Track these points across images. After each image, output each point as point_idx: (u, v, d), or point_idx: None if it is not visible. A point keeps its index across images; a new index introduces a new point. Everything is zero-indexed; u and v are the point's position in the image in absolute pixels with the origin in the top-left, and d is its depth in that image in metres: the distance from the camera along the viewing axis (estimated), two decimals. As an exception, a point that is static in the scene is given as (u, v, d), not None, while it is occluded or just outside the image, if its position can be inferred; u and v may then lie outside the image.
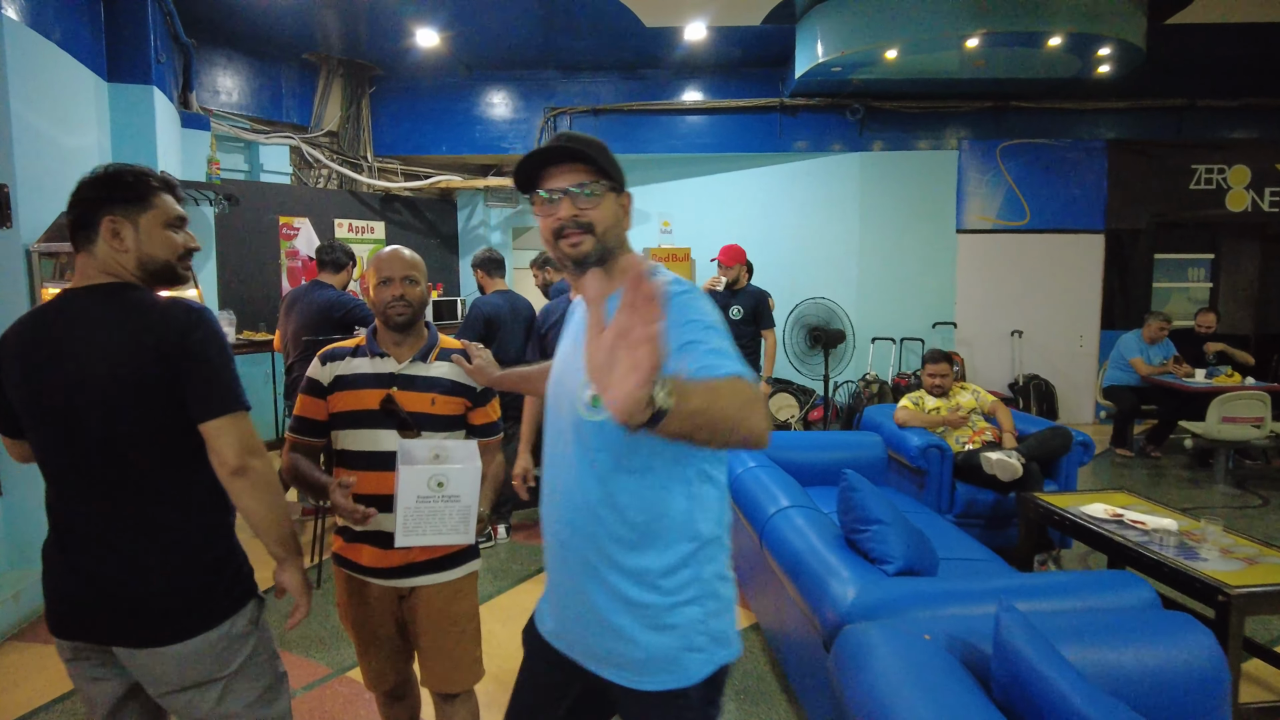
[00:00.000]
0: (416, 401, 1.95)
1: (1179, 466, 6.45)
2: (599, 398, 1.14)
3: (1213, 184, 7.69)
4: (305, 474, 1.95)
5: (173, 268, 1.62)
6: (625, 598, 1.34)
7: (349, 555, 1.98)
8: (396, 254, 2.01)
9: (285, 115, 7.27)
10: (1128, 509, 3.45)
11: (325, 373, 1.98)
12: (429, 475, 1.75)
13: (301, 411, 1.99)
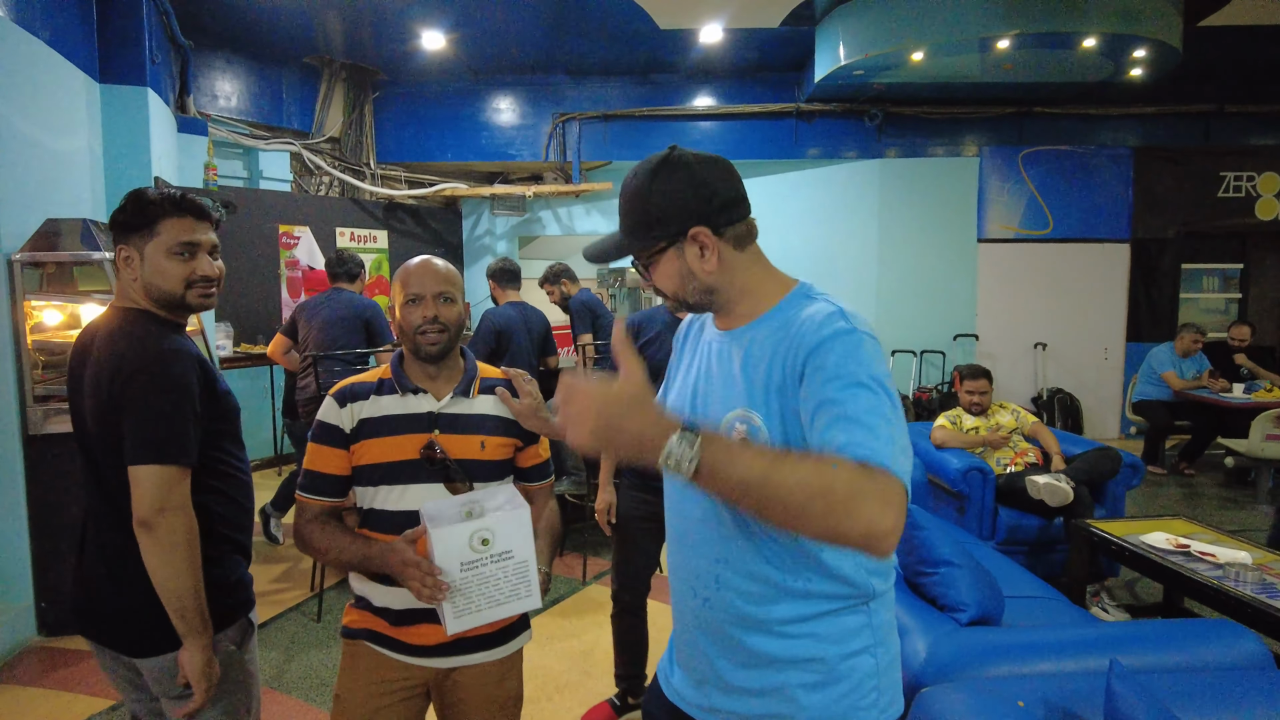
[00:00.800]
0: (463, 446, 1.61)
1: (1215, 485, 6.20)
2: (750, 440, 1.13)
3: (1242, 191, 7.47)
4: (334, 543, 1.54)
5: (179, 298, 1.59)
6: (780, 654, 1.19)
7: (382, 629, 1.60)
8: (428, 266, 1.63)
9: (286, 120, 7.05)
10: (1191, 538, 3.20)
11: (345, 416, 1.59)
12: (470, 532, 1.40)
13: (315, 465, 1.60)
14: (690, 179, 1.18)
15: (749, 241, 1.24)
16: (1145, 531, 3.28)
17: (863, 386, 1.04)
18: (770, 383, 1.14)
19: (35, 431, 3.43)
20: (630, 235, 1.23)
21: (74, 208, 4.00)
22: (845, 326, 1.10)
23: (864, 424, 1.01)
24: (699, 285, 1.22)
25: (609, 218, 8.15)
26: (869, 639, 1.20)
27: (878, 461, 0.97)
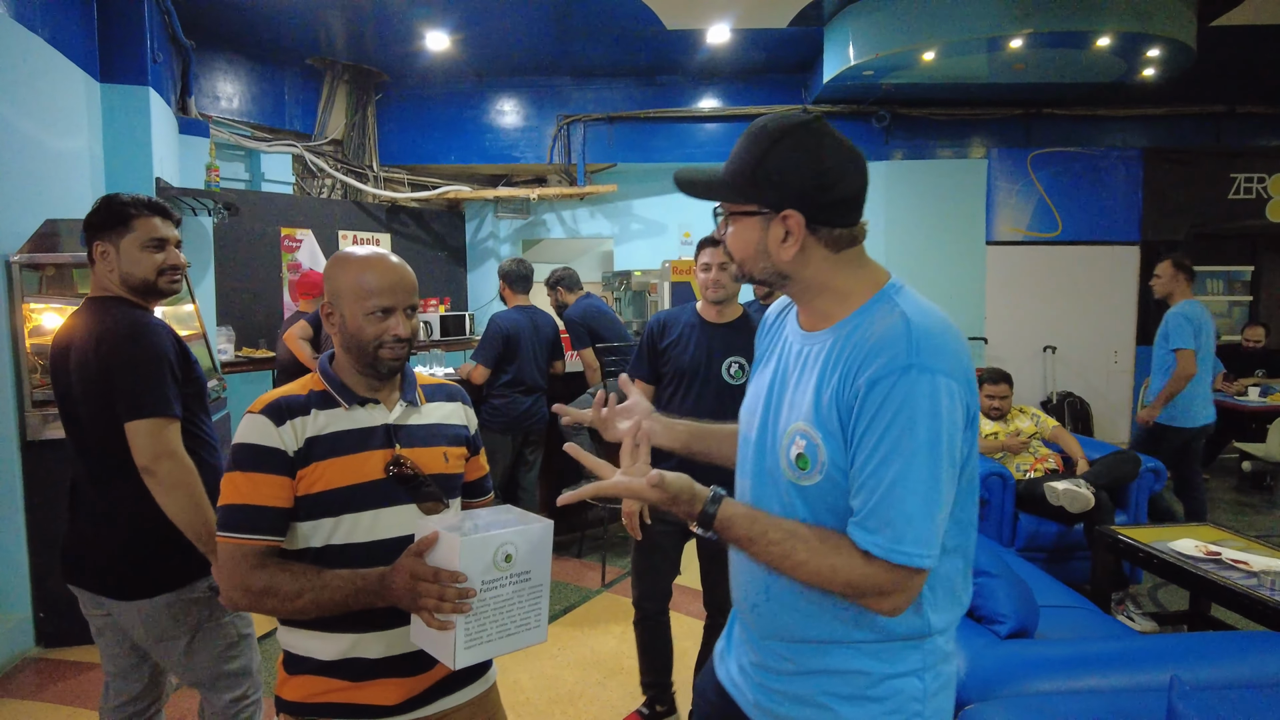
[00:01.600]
0: (427, 460, 1.41)
1: (1228, 489, 6.13)
2: (807, 458, 1.10)
3: (1252, 193, 7.39)
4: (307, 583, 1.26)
5: (152, 284, 1.88)
6: (822, 665, 1.16)
7: (349, 699, 1.34)
8: (398, 271, 1.39)
9: (288, 123, 6.97)
10: (1221, 545, 3.12)
11: (286, 435, 1.31)
12: (496, 545, 1.21)
13: (250, 498, 1.29)
14: (816, 159, 1.08)
15: (847, 246, 1.13)
16: (1173, 538, 3.20)
17: (900, 447, 1.01)
18: (833, 402, 1.08)
19: (34, 437, 3.35)
20: (728, 180, 1.14)
21: (74, 208, 3.92)
22: (904, 363, 1.02)
23: (886, 504, 1.01)
24: (770, 267, 1.14)
25: (614, 220, 8.08)
26: (918, 662, 1.14)
27: (881, 554, 1.01)
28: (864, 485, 1.03)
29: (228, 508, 1.31)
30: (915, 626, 1.12)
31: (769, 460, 1.18)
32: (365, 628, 1.32)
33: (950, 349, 1.05)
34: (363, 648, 1.34)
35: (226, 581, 1.30)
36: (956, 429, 1.04)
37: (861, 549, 1.03)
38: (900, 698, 1.13)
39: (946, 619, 1.15)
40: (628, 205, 8.03)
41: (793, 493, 1.13)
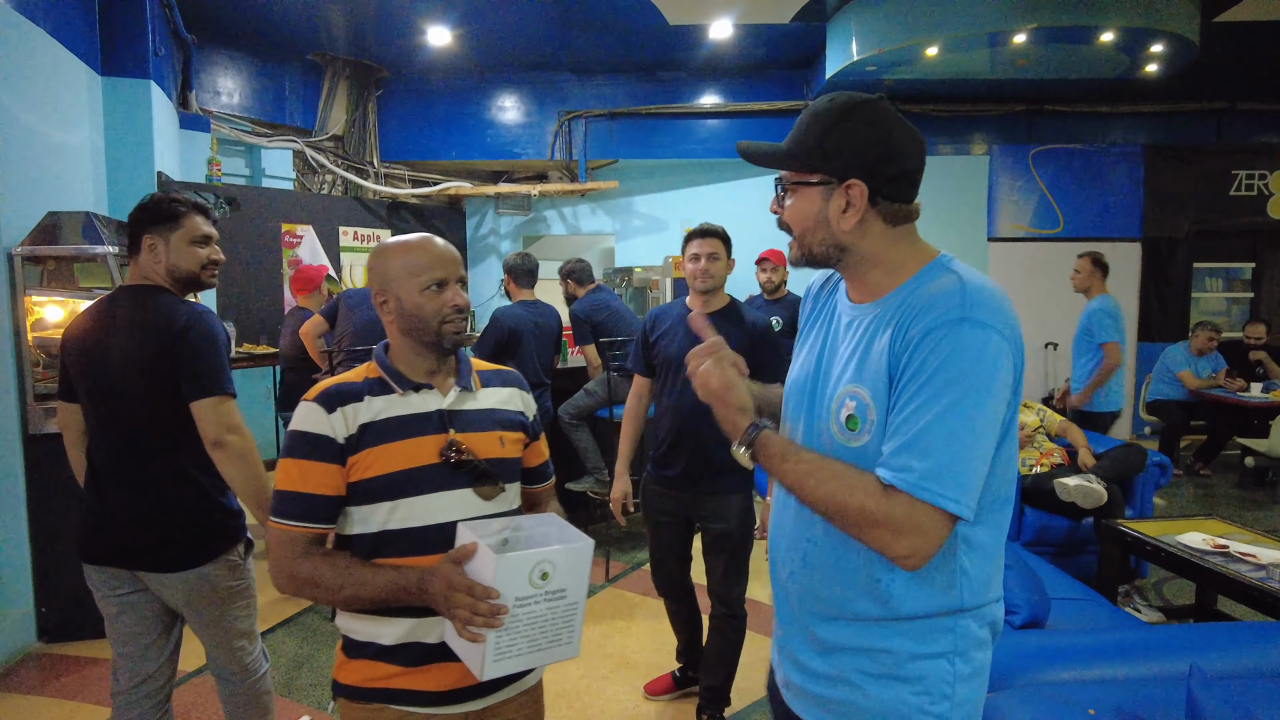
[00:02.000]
0: (484, 445, 1.41)
1: (1231, 485, 6.13)
2: (857, 418, 1.10)
3: (1254, 190, 7.40)
4: (350, 576, 1.28)
5: (196, 277, 2.03)
6: (851, 641, 1.16)
7: (405, 684, 1.35)
8: (445, 247, 1.42)
9: (288, 118, 6.95)
10: (1229, 538, 3.11)
11: (338, 423, 1.32)
12: (534, 563, 1.20)
13: (302, 485, 1.31)
14: (882, 132, 1.10)
15: (903, 222, 1.15)
16: (1180, 532, 3.19)
17: (943, 394, 1.01)
18: (883, 360, 1.08)
19: (36, 431, 3.33)
20: (792, 150, 1.15)
21: (75, 201, 3.91)
22: (957, 316, 1.02)
23: (919, 443, 1.01)
24: (829, 238, 1.15)
25: (615, 217, 8.07)
26: (949, 645, 1.12)
27: (905, 488, 1.00)
28: (900, 424, 1.03)
29: (280, 494, 1.33)
30: (947, 601, 1.11)
31: (818, 425, 1.18)
32: (425, 613, 1.32)
33: (1004, 311, 1.05)
34: (421, 632, 1.34)
35: (275, 566, 1.33)
36: (1005, 388, 1.03)
37: (885, 483, 1.02)
38: (929, 680, 1.11)
39: (980, 596, 1.13)
40: (629, 202, 8.02)
41: (844, 455, 1.12)
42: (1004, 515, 1.14)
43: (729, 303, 2.67)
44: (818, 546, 1.17)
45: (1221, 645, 1.85)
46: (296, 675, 3.10)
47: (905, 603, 1.11)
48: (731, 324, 2.56)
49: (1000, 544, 1.16)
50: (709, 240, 2.61)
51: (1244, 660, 1.79)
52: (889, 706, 1.13)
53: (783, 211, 1.19)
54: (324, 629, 3.51)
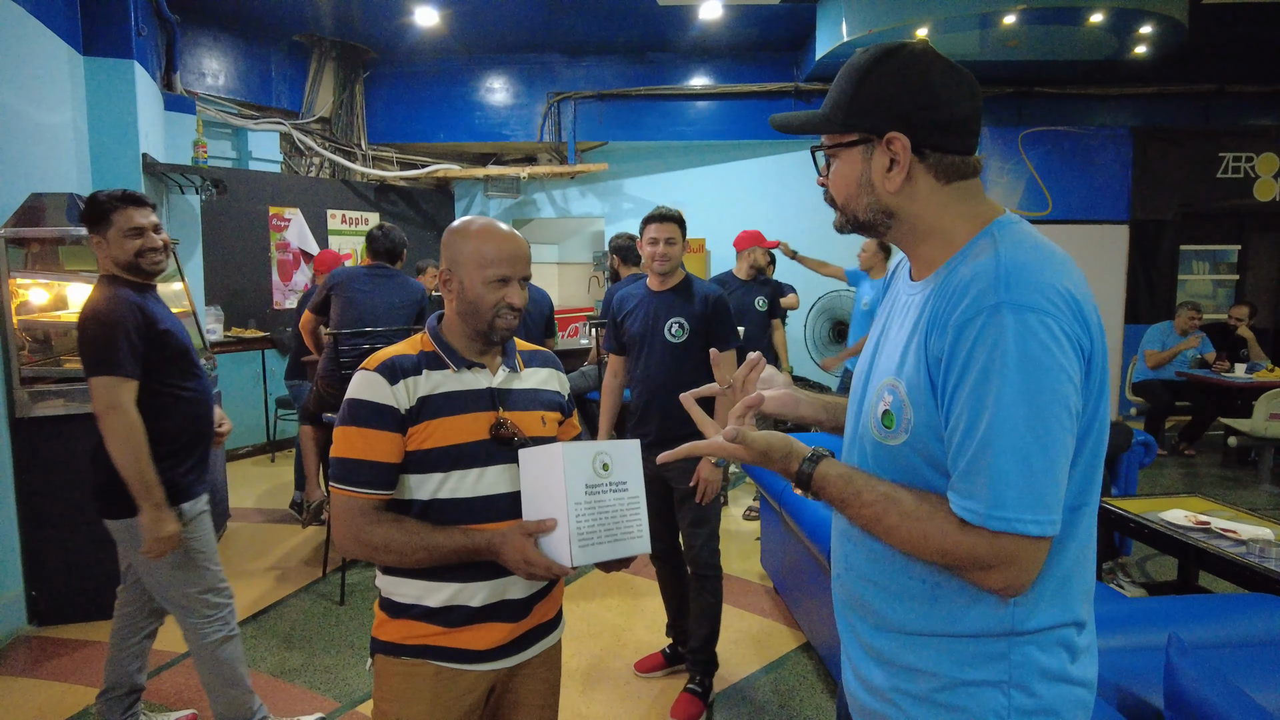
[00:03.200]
0: (527, 423, 1.49)
1: (1214, 465, 6.20)
2: (893, 414, 1.01)
3: (1240, 173, 7.43)
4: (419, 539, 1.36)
5: (136, 265, 2.22)
6: (894, 655, 1.06)
7: (446, 643, 1.43)
8: (519, 245, 1.47)
9: (275, 100, 6.89)
10: (1210, 515, 3.16)
11: (401, 394, 1.39)
12: (594, 453, 1.33)
13: (367, 453, 1.37)
14: (920, 78, 0.98)
15: (959, 178, 1.01)
16: (1163, 509, 3.24)
17: (996, 401, 0.88)
18: (920, 353, 0.98)
19: (23, 415, 3.31)
20: (827, 111, 1.04)
21: (59, 183, 3.87)
22: (994, 301, 0.90)
23: (981, 466, 0.89)
24: (875, 203, 1.04)
25: (605, 200, 8.04)
26: (1002, 673, 0.98)
27: (979, 522, 0.90)
28: (958, 444, 0.92)
29: (343, 461, 1.39)
30: (995, 622, 0.97)
31: (863, 420, 1.09)
32: (470, 578, 1.41)
33: (1048, 283, 0.91)
34: (466, 595, 1.42)
35: (342, 532, 1.39)
36: (1063, 372, 0.89)
37: (958, 515, 0.92)
38: (975, 710, 0.98)
39: (1045, 618, 0.98)
40: (619, 184, 7.99)
41: (881, 456, 1.04)
42: (1077, 519, 0.98)
43: (683, 279, 2.82)
44: (858, 548, 1.10)
45: (1199, 617, 1.89)
46: (289, 656, 3.12)
47: (947, 618, 1.00)
48: (686, 299, 2.75)
49: (1078, 558, 1.00)
50: (666, 225, 2.75)
51: (1221, 630, 1.83)
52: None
53: (827, 182, 1.09)
54: (315, 610, 3.52)
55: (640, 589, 3.76)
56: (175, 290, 4.48)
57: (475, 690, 1.46)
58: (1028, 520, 0.88)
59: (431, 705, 1.42)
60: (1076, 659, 1.00)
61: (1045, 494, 0.89)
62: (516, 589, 1.46)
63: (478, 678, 1.46)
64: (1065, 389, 0.89)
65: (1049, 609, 0.98)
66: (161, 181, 5.12)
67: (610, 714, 2.73)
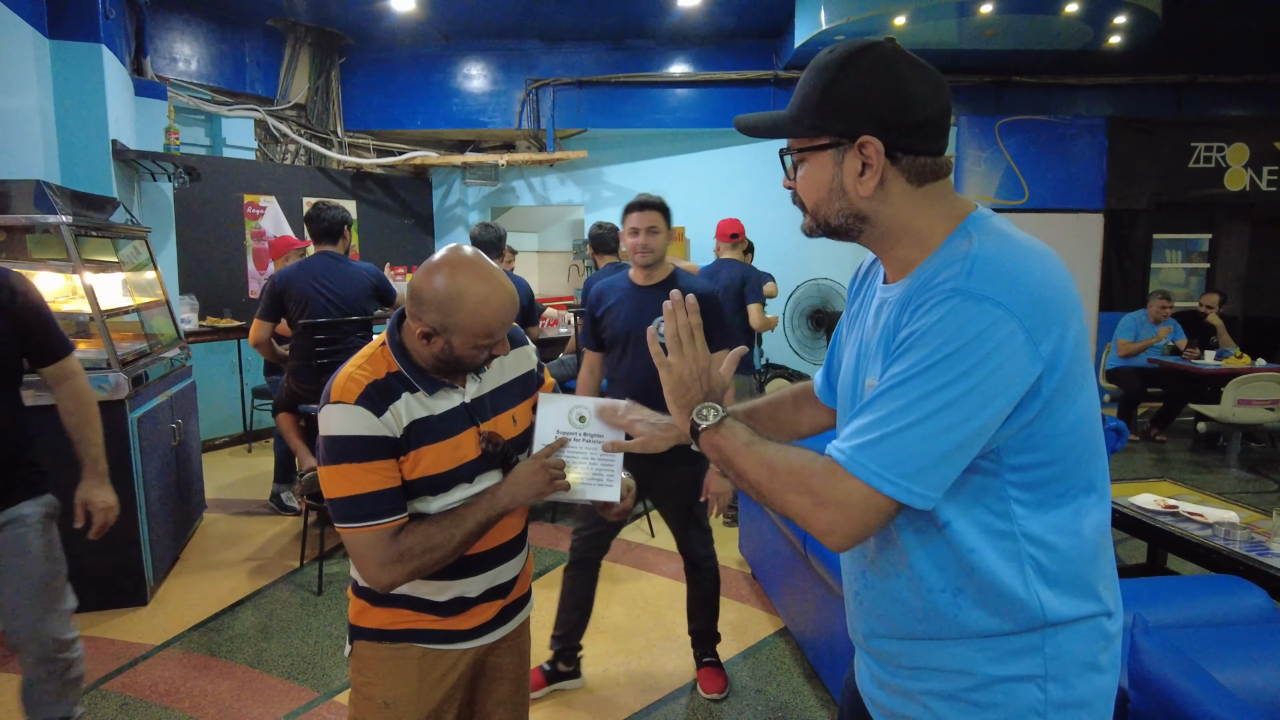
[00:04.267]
0: (501, 429, 1.47)
1: (1185, 450, 6.32)
2: None
3: (1211, 163, 7.53)
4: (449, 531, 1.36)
5: None
6: (924, 660, 1.04)
7: (436, 626, 1.45)
8: (512, 305, 1.35)
9: (249, 86, 6.78)
10: (1178, 499, 3.22)
11: (390, 422, 1.31)
12: (570, 406, 1.47)
13: (376, 485, 1.30)
14: (889, 77, 0.96)
15: (932, 179, 1.00)
16: (1133, 494, 3.30)
17: (912, 369, 0.89)
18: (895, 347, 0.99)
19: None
20: (795, 114, 1.01)
21: (26, 169, 3.80)
22: (951, 287, 0.90)
23: (868, 415, 0.92)
24: (847, 207, 1.01)
25: (584, 187, 8.01)
26: (1038, 667, 0.97)
27: (838, 457, 0.93)
28: (866, 406, 0.94)
29: (351, 500, 1.30)
30: (1026, 617, 0.97)
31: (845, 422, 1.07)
32: (470, 573, 1.45)
33: (1017, 279, 0.89)
34: (463, 588, 1.46)
35: (375, 565, 1.32)
36: (998, 367, 0.87)
37: (830, 455, 0.94)
38: (1012, 707, 0.97)
39: (1071, 608, 0.97)
40: (598, 172, 7.97)
41: None
42: (1085, 505, 0.98)
43: (671, 272, 2.65)
44: (874, 569, 1.08)
45: (1165, 598, 1.93)
46: (266, 648, 3.10)
47: (972, 619, 0.98)
48: None
49: (1099, 544, 1.00)
50: (648, 213, 2.53)
51: (1185, 611, 1.87)
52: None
53: (795, 185, 1.06)
54: (292, 600, 3.51)
55: (624, 575, 3.77)
56: (148, 279, 4.42)
57: (458, 667, 1.49)
58: (888, 481, 0.89)
59: (418, 685, 1.44)
60: (1108, 648, 1.01)
61: (915, 464, 0.89)
62: (502, 575, 1.51)
63: (461, 655, 1.49)
64: (996, 382, 0.88)
65: (1077, 598, 0.98)
66: (133, 168, 5.04)
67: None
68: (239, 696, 2.75)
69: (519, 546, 1.56)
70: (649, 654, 3.05)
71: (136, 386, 3.38)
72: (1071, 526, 0.98)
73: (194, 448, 4.31)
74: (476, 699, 1.59)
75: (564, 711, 2.67)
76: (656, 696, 2.76)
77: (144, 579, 3.41)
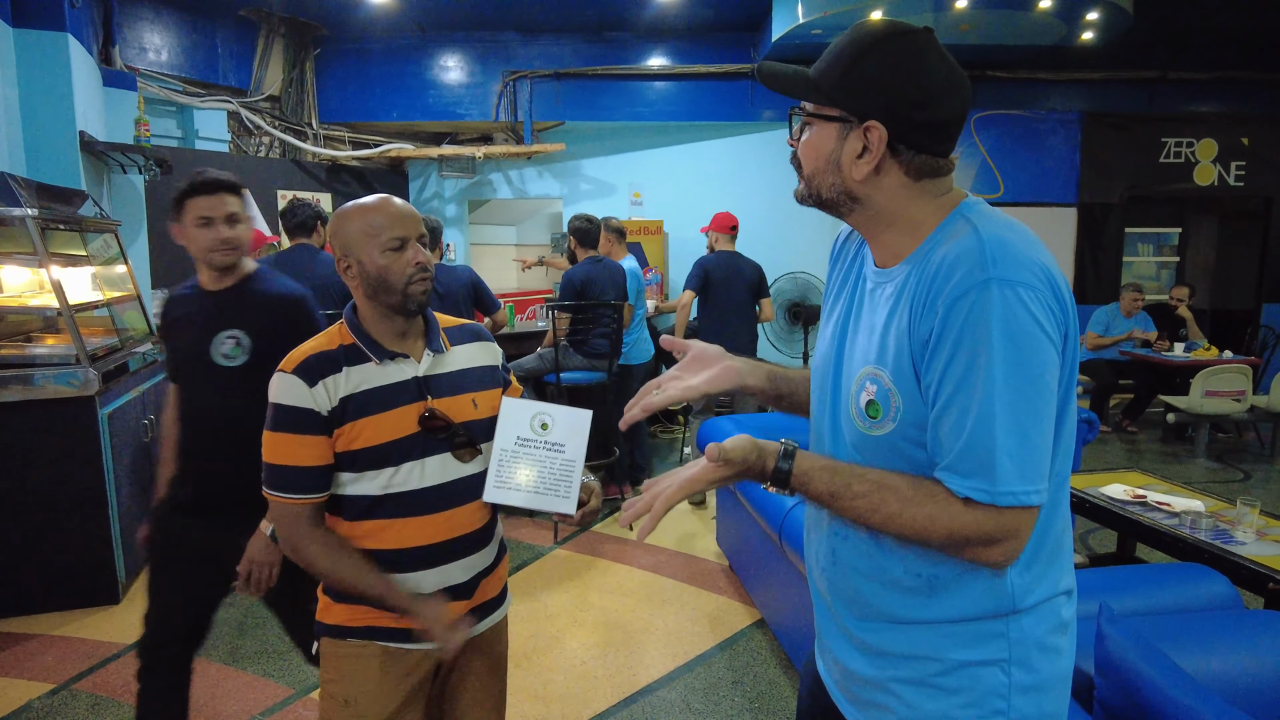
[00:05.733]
0: (457, 409, 1.45)
1: (1155, 440, 6.43)
2: (878, 404, 1.00)
3: (1181, 158, 7.65)
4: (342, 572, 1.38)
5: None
6: (892, 646, 1.05)
7: (393, 623, 1.43)
8: (403, 206, 1.43)
9: (222, 78, 6.68)
10: (1147, 489, 3.28)
11: (320, 396, 1.35)
12: (534, 412, 1.44)
13: (290, 458, 1.35)
14: (915, 70, 0.96)
15: (930, 176, 1.00)
16: (1103, 484, 3.36)
17: (990, 376, 0.88)
18: (904, 338, 0.97)
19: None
20: (817, 78, 1.00)
21: (-10, 161, 3.72)
22: (980, 278, 0.89)
23: (983, 443, 0.89)
24: (839, 184, 1.01)
25: (563, 180, 7.98)
26: (1002, 651, 0.99)
27: (988, 500, 0.90)
28: (950, 424, 0.92)
29: (272, 468, 1.38)
30: (996, 602, 0.99)
31: (841, 410, 1.07)
32: (424, 568, 1.43)
33: (1031, 259, 0.91)
34: (414, 584, 1.43)
35: (282, 536, 1.42)
36: (1050, 344, 0.90)
37: (960, 495, 0.92)
38: (977, 690, 0.99)
39: (1037, 593, 1.00)
40: (576, 165, 7.94)
41: (867, 446, 1.02)
42: (1062, 495, 1.01)
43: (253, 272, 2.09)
44: (849, 542, 1.07)
45: (1132, 586, 1.96)
46: (241, 644, 3.08)
47: (946, 603, 1.00)
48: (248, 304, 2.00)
49: (1063, 527, 1.03)
50: (221, 197, 1.98)
51: (1152, 598, 1.91)
52: (930, 719, 1.02)
53: (797, 146, 1.06)
54: (269, 597, 3.48)
55: (601, 570, 3.78)
56: (119, 273, 4.36)
57: (422, 667, 1.47)
58: (1031, 492, 0.90)
59: (379, 683, 1.43)
60: (1066, 630, 1.04)
61: (1039, 465, 0.91)
62: (458, 574, 1.47)
63: (424, 655, 1.47)
64: (1051, 361, 0.90)
65: (1044, 581, 1.01)
66: (102, 160, 4.95)
67: (569, 691, 2.75)
68: (213, 694, 2.72)
69: (476, 545, 1.49)
70: (627, 647, 3.06)
71: (107, 382, 3.33)
72: (1054, 518, 1.00)
73: (167, 444, 4.25)
74: (447, 700, 1.57)
75: (541, 705, 2.68)
76: (634, 690, 2.78)
77: (116, 577, 3.37)
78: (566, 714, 2.63)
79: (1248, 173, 7.63)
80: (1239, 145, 7.66)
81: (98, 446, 3.27)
